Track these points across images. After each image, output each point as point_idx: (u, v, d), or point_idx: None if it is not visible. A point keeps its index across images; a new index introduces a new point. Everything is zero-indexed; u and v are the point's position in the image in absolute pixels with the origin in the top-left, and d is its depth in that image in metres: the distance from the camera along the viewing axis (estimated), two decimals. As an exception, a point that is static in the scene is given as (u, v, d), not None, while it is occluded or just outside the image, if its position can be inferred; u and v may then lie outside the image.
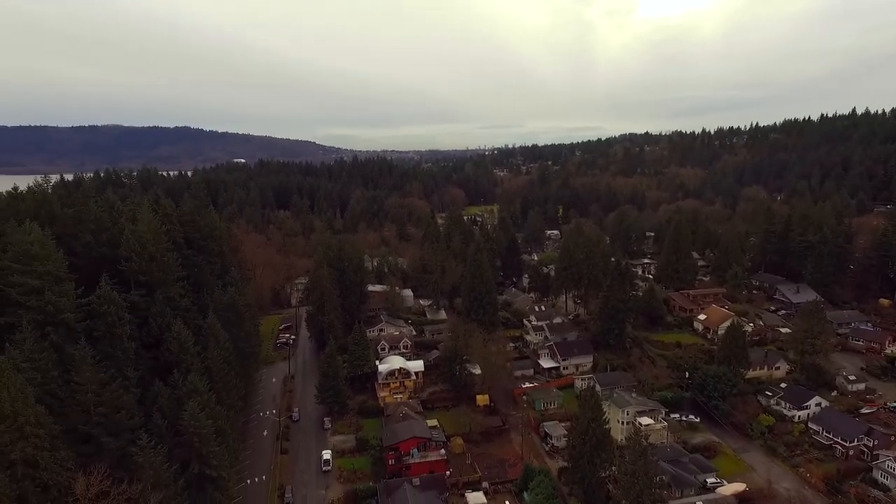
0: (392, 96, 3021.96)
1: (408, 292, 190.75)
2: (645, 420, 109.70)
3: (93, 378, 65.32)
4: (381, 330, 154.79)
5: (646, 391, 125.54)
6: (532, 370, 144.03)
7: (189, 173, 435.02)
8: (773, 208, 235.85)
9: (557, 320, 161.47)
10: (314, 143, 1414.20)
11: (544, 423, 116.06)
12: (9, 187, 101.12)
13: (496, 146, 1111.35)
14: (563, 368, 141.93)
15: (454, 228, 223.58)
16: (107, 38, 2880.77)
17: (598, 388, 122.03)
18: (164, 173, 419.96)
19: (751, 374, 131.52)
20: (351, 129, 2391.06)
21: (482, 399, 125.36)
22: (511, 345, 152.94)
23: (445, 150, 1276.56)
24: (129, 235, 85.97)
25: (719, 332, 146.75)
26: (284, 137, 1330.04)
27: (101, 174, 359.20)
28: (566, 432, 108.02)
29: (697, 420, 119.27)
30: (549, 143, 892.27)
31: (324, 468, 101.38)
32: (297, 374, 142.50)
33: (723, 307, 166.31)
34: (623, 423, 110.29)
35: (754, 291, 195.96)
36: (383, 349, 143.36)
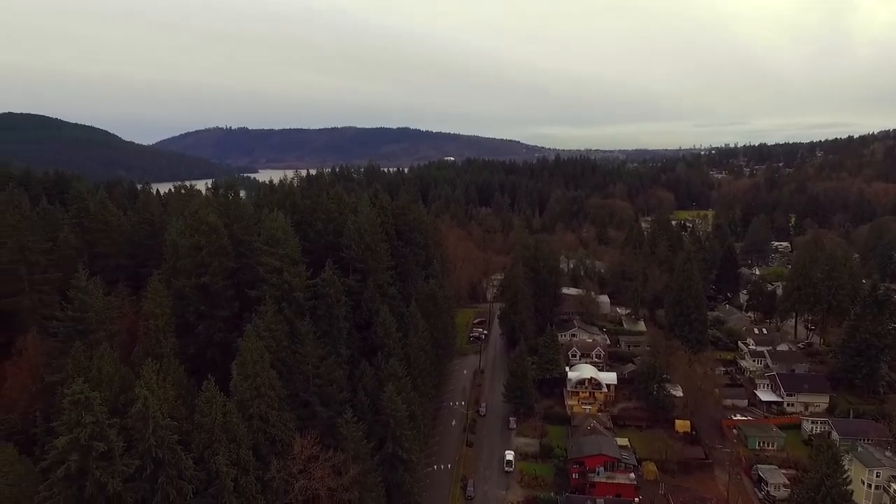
0: (600, 94, 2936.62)
1: (604, 298, 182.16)
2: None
3: (313, 351, 73.85)
4: (573, 335, 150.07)
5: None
6: (746, 401, 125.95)
7: (406, 170, 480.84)
8: None
9: (783, 347, 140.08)
10: (519, 142, 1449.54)
11: (759, 466, 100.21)
12: (274, 180, 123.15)
13: (714, 145, 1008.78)
14: (788, 405, 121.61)
15: (660, 233, 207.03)
16: (347, 52, 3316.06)
17: (835, 435, 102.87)
18: (386, 170, 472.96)
19: None
20: (556, 128, 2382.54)
21: (682, 425, 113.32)
22: (721, 369, 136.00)
23: (653, 149, 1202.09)
24: (350, 226, 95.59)
25: None
26: (490, 136, 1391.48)
27: (337, 170, 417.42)
28: (788, 482, 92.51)
29: None
30: (781, 142, 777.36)
31: (506, 468, 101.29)
32: (487, 369, 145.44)
33: None
34: (871, 486, 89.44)
35: None
36: (574, 356, 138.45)
